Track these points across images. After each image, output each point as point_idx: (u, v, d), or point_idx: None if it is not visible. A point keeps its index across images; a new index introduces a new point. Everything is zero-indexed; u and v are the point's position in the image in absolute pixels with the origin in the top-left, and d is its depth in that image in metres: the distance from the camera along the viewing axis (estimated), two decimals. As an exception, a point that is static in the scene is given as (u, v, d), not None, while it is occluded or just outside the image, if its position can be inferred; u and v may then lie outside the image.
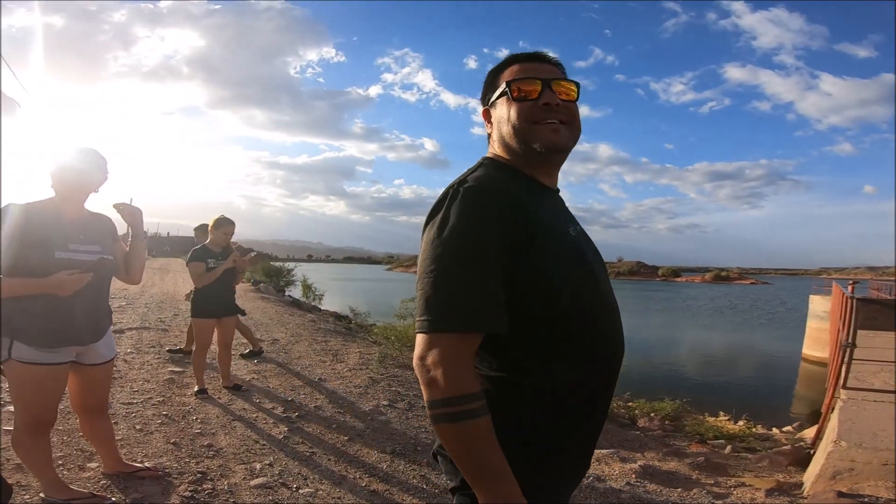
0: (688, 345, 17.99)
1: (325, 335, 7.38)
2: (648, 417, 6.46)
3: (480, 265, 0.84)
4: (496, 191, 0.89)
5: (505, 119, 0.99)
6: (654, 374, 12.22)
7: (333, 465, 2.84)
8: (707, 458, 4.37)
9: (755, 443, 5.60)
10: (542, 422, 0.91)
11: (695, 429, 6.02)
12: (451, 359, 0.82)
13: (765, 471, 4.17)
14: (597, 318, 0.95)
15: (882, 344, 7.29)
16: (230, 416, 3.45)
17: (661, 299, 45.37)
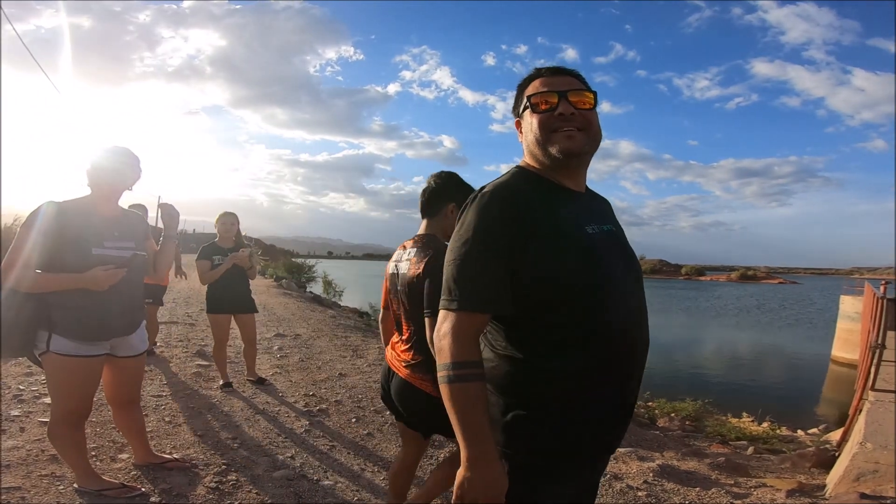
0: (711, 344, 17.66)
1: (345, 331, 7.50)
2: (669, 417, 6.35)
3: (488, 257, 0.99)
4: (507, 195, 1.04)
5: (529, 129, 1.11)
6: (675, 373, 12.06)
7: (353, 459, 2.90)
8: (728, 458, 4.29)
9: (779, 444, 5.46)
10: (538, 399, 1.01)
11: (716, 429, 5.91)
12: (456, 332, 0.98)
13: (787, 472, 4.08)
14: (604, 313, 1.02)
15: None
16: (253, 409, 3.55)
17: (685, 298, 44.51)
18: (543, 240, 1.01)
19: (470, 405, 0.96)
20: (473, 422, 0.96)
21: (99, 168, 2.06)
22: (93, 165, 2.06)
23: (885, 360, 4.88)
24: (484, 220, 1.01)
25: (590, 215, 1.11)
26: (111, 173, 2.08)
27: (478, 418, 0.96)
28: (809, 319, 25.89)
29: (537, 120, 1.09)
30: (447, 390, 0.97)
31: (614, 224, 1.18)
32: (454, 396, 0.97)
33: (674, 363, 13.49)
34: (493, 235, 1.00)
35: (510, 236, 1.00)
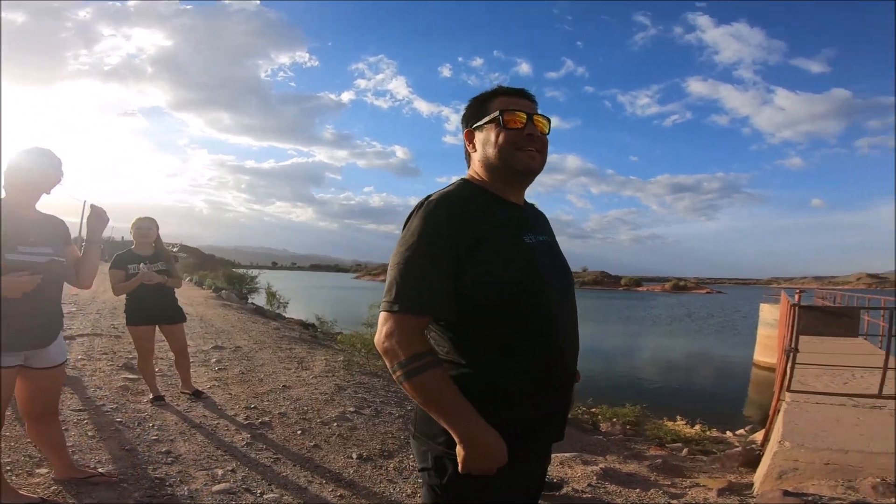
0: (648, 352, 18.55)
1: (290, 343, 7.26)
2: (611, 422, 6.56)
3: (432, 262, 1.03)
4: (453, 203, 1.07)
5: (492, 142, 1.14)
6: (616, 380, 12.55)
7: (299, 472, 2.80)
8: (665, 460, 4.48)
9: (710, 445, 5.74)
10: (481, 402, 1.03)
11: (654, 433, 6.15)
12: (400, 331, 1.01)
13: (718, 472, 4.28)
14: (542, 319, 1.09)
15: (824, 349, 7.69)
16: (189, 423, 3.35)
17: (624, 308, 46.73)
18: (486, 247, 1.05)
19: (440, 389, 1.00)
20: (449, 402, 1.00)
21: (15, 169, 1.93)
22: (9, 166, 1.93)
23: (799, 362, 5.28)
24: (429, 226, 1.04)
25: (528, 226, 1.17)
26: (27, 174, 1.94)
27: (452, 398, 1.00)
28: (734, 326, 27.77)
29: (505, 135, 1.12)
30: (411, 385, 1.00)
31: (550, 235, 1.25)
32: (421, 387, 1.00)
33: (615, 370, 14.07)
34: (438, 241, 1.03)
35: (454, 243, 1.03)
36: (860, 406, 4.53)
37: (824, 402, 4.61)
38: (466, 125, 1.21)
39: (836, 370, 5.99)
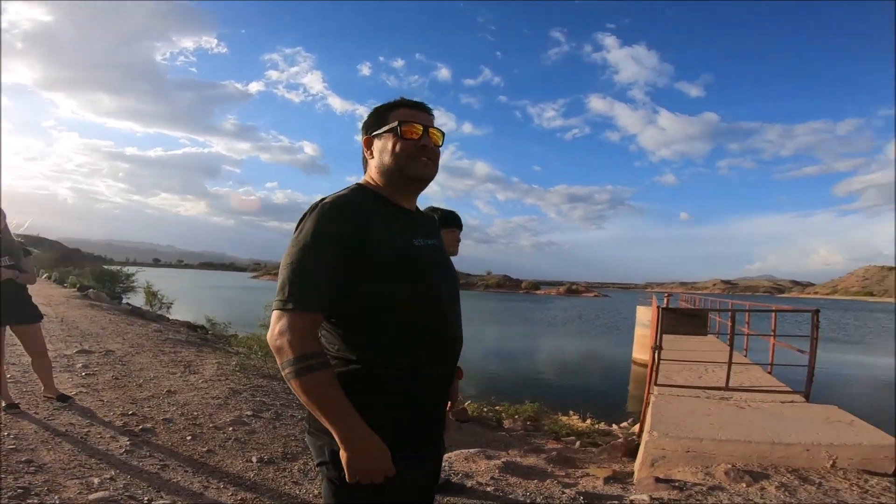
0: (546, 351, 19.69)
1: (174, 346, 6.66)
2: (513, 419, 6.82)
3: (324, 262, 1.06)
4: (346, 206, 1.11)
5: (389, 150, 1.20)
6: (518, 378, 13.13)
7: (192, 477, 2.62)
8: (560, 452, 4.76)
9: (598, 438, 6.18)
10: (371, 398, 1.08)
11: (551, 427, 6.48)
12: (292, 330, 1.03)
13: (605, 462, 4.61)
14: (430, 318, 1.16)
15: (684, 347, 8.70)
16: (52, 431, 2.99)
17: (524, 310, 49.41)
18: (378, 248, 1.09)
19: (326, 390, 1.02)
20: (335, 404, 1.02)
21: None
22: None
23: (664, 359, 5.90)
24: (321, 227, 1.07)
25: (418, 230, 1.23)
26: None
27: (338, 400, 1.02)
28: (617, 327, 30.58)
29: (402, 144, 1.18)
30: (299, 383, 1.01)
31: (438, 240, 1.32)
32: (308, 387, 1.01)
33: (516, 369, 14.73)
34: (330, 242, 1.06)
35: (346, 244, 1.07)
36: (712, 398, 4.98)
37: (684, 395, 5.05)
38: (366, 132, 1.26)
39: (693, 365, 6.67)
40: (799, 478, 3.16)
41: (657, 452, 3.62)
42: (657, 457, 3.61)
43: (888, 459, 3.38)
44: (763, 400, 4.88)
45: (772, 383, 5.86)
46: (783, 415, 4.31)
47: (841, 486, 3.08)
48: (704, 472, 3.31)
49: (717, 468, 3.31)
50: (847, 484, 3.11)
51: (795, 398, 4.97)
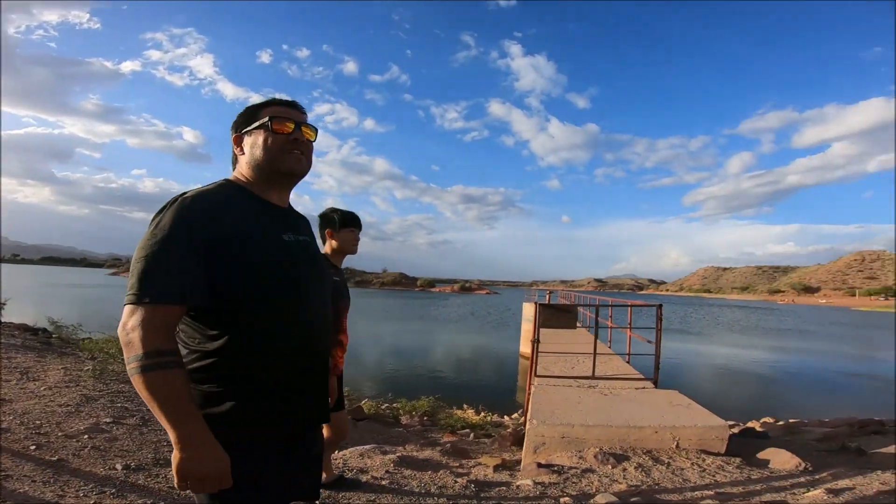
0: (441, 347, 20.12)
1: (7, 351, 5.89)
2: (410, 415, 6.91)
3: (180, 255, 1.04)
4: (209, 200, 1.11)
5: (260, 145, 1.22)
6: (414, 374, 13.35)
7: (42, 487, 2.44)
8: (454, 445, 4.93)
9: (491, 429, 6.47)
10: (235, 392, 1.09)
11: (447, 422, 6.67)
12: (146, 324, 1.00)
13: (496, 451, 4.85)
14: (296, 312, 1.17)
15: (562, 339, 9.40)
16: None
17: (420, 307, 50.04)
18: (242, 242, 1.10)
19: (173, 389, 0.99)
20: (179, 405, 0.99)
21: None
22: None
23: (543, 351, 6.30)
24: (181, 220, 1.05)
25: (288, 226, 1.24)
26: None
27: (184, 401, 1.00)
28: (507, 323, 32.24)
29: (274, 139, 1.21)
30: (143, 379, 0.97)
31: (310, 237, 1.34)
32: (153, 384, 0.98)
33: (413, 366, 14.93)
34: (190, 234, 1.04)
35: (208, 236, 1.06)
36: (582, 386, 5.34)
37: (559, 385, 5.41)
38: (236, 130, 1.28)
39: (567, 356, 7.13)
40: (652, 458, 3.53)
41: (538, 439, 3.88)
42: (538, 443, 3.87)
43: (720, 440, 3.79)
44: (622, 387, 5.33)
45: (628, 371, 6.34)
46: (637, 400, 4.73)
47: (685, 465, 3.43)
48: (578, 455, 3.63)
49: (587, 452, 3.65)
50: (689, 463, 3.46)
51: (647, 384, 5.49)
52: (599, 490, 2.92)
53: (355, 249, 2.65)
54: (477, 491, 2.94)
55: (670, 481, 3.11)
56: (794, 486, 3.01)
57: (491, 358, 17.42)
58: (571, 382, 5.57)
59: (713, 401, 10.01)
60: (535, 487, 2.97)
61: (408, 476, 3.23)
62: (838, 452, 4.48)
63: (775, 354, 20.47)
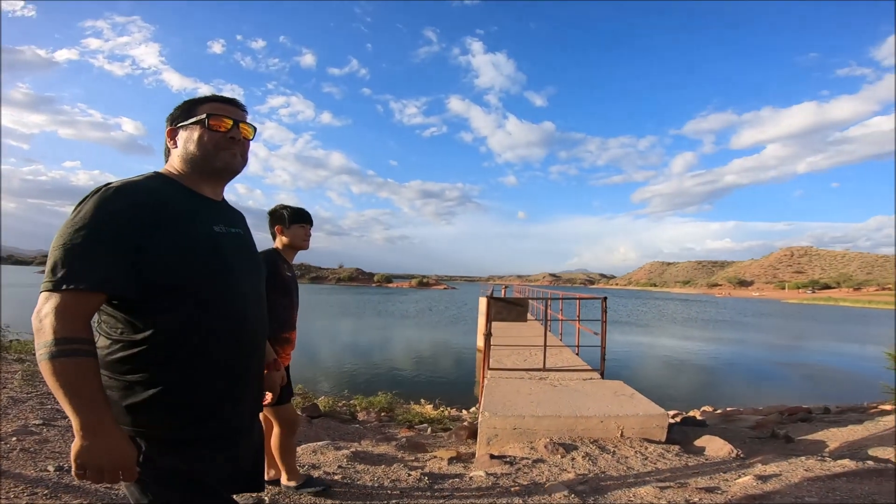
0: (399, 343, 20.08)
1: None
2: (367, 411, 6.81)
3: (101, 243, 1.03)
4: (135, 190, 1.10)
5: (195, 140, 1.23)
6: (372, 370, 13.25)
7: None
8: (411, 439, 4.92)
9: (449, 423, 6.42)
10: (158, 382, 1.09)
11: (404, 417, 6.60)
12: (60, 311, 0.99)
13: (453, 445, 4.84)
14: (224, 302, 1.18)
15: (517, 332, 9.57)
16: None
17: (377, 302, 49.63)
18: (169, 231, 1.10)
19: (81, 377, 0.98)
20: (87, 393, 0.98)
21: None
22: None
23: (496, 344, 6.36)
24: (103, 209, 1.04)
25: (220, 218, 1.26)
26: None
27: (91, 390, 0.99)
28: (464, 317, 32.57)
29: (209, 136, 1.23)
30: (50, 365, 0.96)
31: (244, 230, 1.35)
32: (60, 370, 0.97)
33: (371, 361, 14.82)
34: (112, 223, 1.04)
35: (132, 225, 1.05)
36: (533, 378, 5.42)
37: (512, 377, 5.49)
38: (171, 123, 1.28)
39: (520, 349, 7.25)
40: (599, 447, 3.65)
41: (490, 431, 3.95)
42: (491, 435, 3.93)
43: (660, 428, 3.96)
44: (571, 378, 5.47)
45: (577, 363, 6.45)
46: (584, 391, 4.85)
47: (629, 453, 3.55)
48: (529, 446, 3.73)
49: (538, 442, 3.75)
50: (633, 451, 3.58)
51: (594, 376, 5.62)
52: (549, 479, 3.02)
53: (307, 245, 2.64)
54: (430, 483, 2.97)
55: (615, 469, 3.25)
56: (726, 472, 3.17)
57: (449, 352, 17.55)
58: (524, 375, 5.68)
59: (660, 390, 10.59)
60: (487, 478, 3.03)
61: (361, 471, 3.22)
62: (768, 439, 4.83)
63: (715, 345, 21.80)
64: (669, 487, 2.81)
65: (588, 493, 2.75)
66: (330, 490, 2.75)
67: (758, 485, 2.81)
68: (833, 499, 2.54)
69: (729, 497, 2.63)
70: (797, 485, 2.79)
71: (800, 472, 3.00)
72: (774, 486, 2.77)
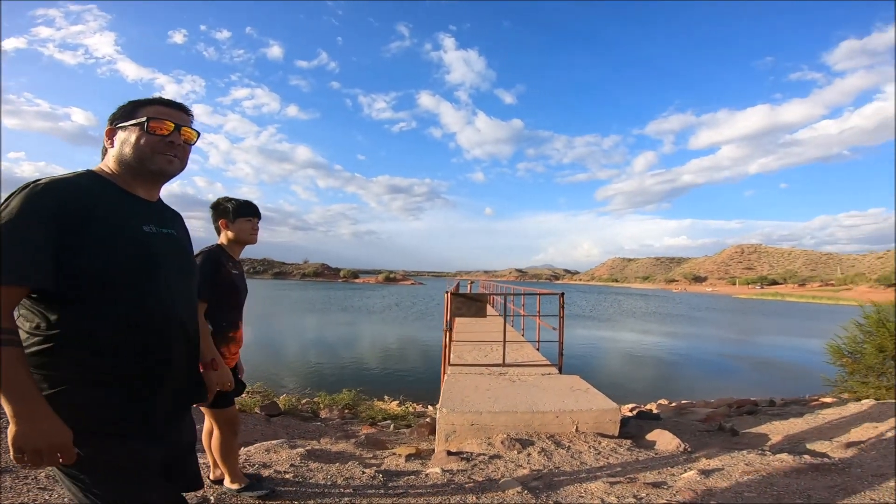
0: (366, 339, 19.85)
1: None
2: (329, 408, 6.76)
3: (23, 237, 1.04)
4: (64, 186, 1.12)
5: (132, 143, 1.25)
6: (337, 367, 13.04)
7: None
8: (371, 437, 4.86)
9: (412, 419, 6.42)
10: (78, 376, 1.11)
11: (368, 414, 6.59)
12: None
13: (414, 441, 4.84)
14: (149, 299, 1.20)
15: (480, 328, 9.33)
16: None
17: (343, 298, 48.99)
18: (96, 229, 1.12)
19: (10, 365, 1.01)
20: (16, 380, 1.01)
21: None
22: None
23: (458, 340, 6.37)
24: (28, 204, 1.06)
25: (152, 218, 1.27)
26: None
27: (20, 377, 1.02)
28: (431, 313, 32.55)
29: (147, 139, 1.25)
30: None
31: (178, 231, 1.37)
32: None
33: (336, 358, 14.60)
34: (37, 219, 1.05)
35: (58, 222, 1.07)
36: (493, 374, 5.43)
37: (471, 373, 5.50)
38: (111, 123, 1.29)
39: (481, 345, 7.29)
40: (554, 443, 3.69)
41: (448, 428, 3.93)
42: (449, 431, 3.92)
43: (613, 423, 4.01)
44: (529, 374, 5.50)
45: (537, 358, 6.50)
46: (541, 386, 4.87)
47: (583, 448, 3.60)
48: (487, 442, 3.74)
49: (495, 438, 3.77)
50: (587, 446, 3.63)
51: (552, 370, 5.67)
52: (504, 476, 3.05)
53: (254, 239, 2.55)
54: (385, 481, 2.95)
55: (569, 465, 3.30)
56: (674, 466, 3.26)
57: (415, 348, 17.53)
58: (483, 370, 5.68)
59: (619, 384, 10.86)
60: (443, 475, 3.03)
61: (314, 469, 3.17)
62: (716, 432, 5.04)
63: (672, 339, 22.65)
64: (619, 483, 2.88)
65: (541, 490, 2.79)
66: (275, 493, 2.67)
67: (701, 480, 2.89)
68: (771, 494, 2.64)
69: (674, 492, 2.70)
70: (738, 479, 2.87)
71: (741, 467, 3.09)
72: (716, 482, 2.85)
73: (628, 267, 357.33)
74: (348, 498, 2.66)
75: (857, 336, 6.81)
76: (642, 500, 2.61)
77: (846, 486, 2.69)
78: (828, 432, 4.50)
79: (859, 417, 4.80)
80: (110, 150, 1.28)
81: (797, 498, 2.58)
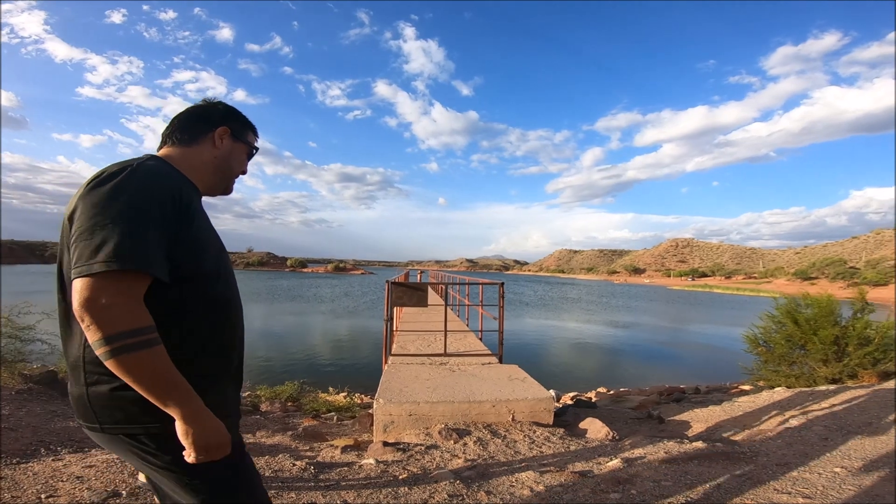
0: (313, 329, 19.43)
1: None
2: (271, 401, 6.62)
3: (149, 226, 0.98)
4: (170, 177, 1.09)
5: (238, 160, 1.32)
6: (282, 359, 12.68)
7: None
8: (310, 428, 4.78)
9: (357, 410, 6.34)
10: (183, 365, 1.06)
11: (311, 406, 6.46)
12: (126, 294, 0.93)
13: (355, 432, 4.77)
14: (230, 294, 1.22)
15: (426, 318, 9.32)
16: None
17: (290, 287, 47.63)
18: (196, 224, 1.11)
19: (167, 366, 0.96)
20: (178, 381, 0.98)
21: None
22: None
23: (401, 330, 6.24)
24: (147, 191, 1.01)
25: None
26: None
27: (180, 378, 0.98)
28: (381, 303, 32.51)
29: (239, 167, 1.32)
30: (135, 360, 0.92)
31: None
32: (147, 363, 0.93)
33: (281, 349, 14.18)
34: (157, 207, 1.01)
35: (173, 212, 1.04)
36: (434, 364, 5.40)
37: (413, 363, 5.47)
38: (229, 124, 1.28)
39: (425, 335, 7.26)
40: (491, 432, 3.75)
41: (386, 418, 3.89)
42: (387, 422, 3.89)
43: (547, 411, 4.06)
44: (470, 363, 5.52)
45: (479, 348, 6.51)
46: (480, 375, 4.88)
47: (518, 437, 3.64)
48: (425, 433, 3.75)
49: (433, 428, 3.79)
50: (522, 435, 3.68)
51: (492, 360, 5.72)
52: (440, 466, 3.07)
53: None
54: (316, 473, 2.89)
55: (504, 454, 3.36)
56: (601, 454, 3.38)
57: (365, 338, 17.35)
58: (425, 360, 5.67)
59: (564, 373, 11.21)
60: (377, 466, 3.01)
61: (240, 463, 3.08)
62: (645, 420, 5.31)
63: (612, 328, 23.73)
64: (549, 471, 2.97)
65: (474, 479, 2.83)
66: None
67: (624, 468, 3.02)
68: (685, 482, 2.80)
69: (598, 480, 2.82)
70: (657, 468, 3.01)
71: (660, 455, 3.25)
72: (637, 470, 2.99)
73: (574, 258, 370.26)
74: (274, 492, 2.59)
75: (770, 326, 7.41)
76: (569, 489, 2.71)
77: (752, 476, 2.87)
78: (741, 420, 4.85)
79: (770, 406, 5.19)
80: (211, 149, 1.25)
81: (709, 486, 2.73)
